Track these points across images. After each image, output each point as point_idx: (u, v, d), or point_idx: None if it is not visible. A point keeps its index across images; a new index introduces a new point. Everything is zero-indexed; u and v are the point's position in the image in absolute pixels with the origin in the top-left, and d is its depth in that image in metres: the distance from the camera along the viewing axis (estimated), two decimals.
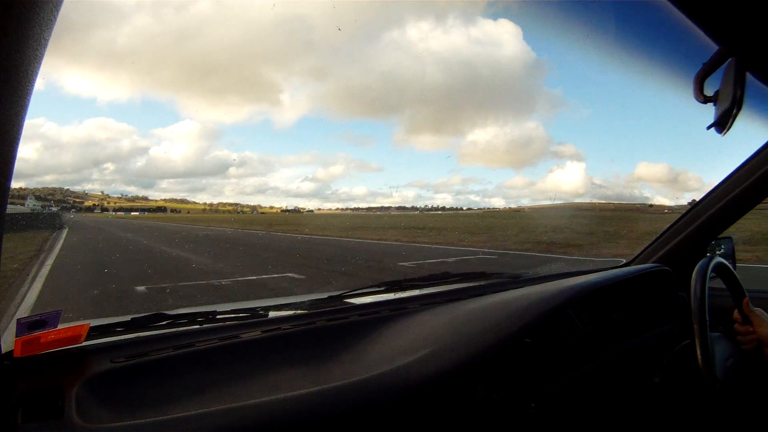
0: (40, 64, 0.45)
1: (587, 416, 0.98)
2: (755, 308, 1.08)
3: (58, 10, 0.44)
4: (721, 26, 0.56)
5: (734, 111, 0.59)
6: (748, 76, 0.60)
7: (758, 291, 1.42)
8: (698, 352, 0.92)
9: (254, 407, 0.64)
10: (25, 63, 0.44)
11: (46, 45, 0.45)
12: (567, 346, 1.00)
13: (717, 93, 0.63)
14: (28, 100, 0.47)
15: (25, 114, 0.48)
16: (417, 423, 0.72)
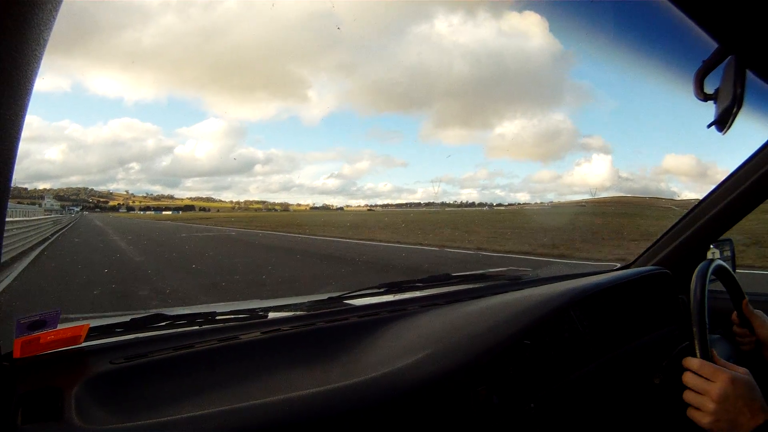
0: (40, 64, 0.46)
1: (587, 417, 0.98)
2: (755, 310, 1.07)
3: (57, 10, 0.44)
4: (719, 24, 0.56)
5: (734, 109, 0.59)
6: (748, 75, 0.60)
7: (756, 294, 1.41)
8: (698, 354, 0.92)
9: (254, 408, 0.63)
10: (25, 63, 0.44)
11: (45, 45, 0.45)
12: (567, 348, 1.00)
13: (717, 91, 0.62)
14: (28, 100, 0.47)
15: (25, 114, 0.48)
16: (417, 424, 0.72)
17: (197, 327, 0.90)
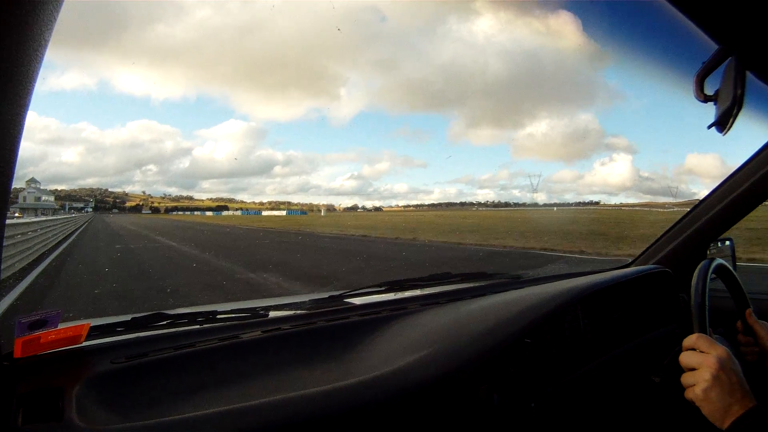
0: (41, 63, 0.46)
1: (587, 416, 0.98)
2: (760, 321, 1.05)
3: (58, 11, 0.44)
4: (719, 24, 0.56)
5: (734, 110, 0.59)
6: (748, 76, 0.60)
7: (756, 293, 1.41)
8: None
9: (254, 408, 0.63)
10: (26, 63, 0.44)
11: (47, 45, 0.45)
12: (567, 347, 1.00)
13: (717, 92, 0.62)
14: (29, 100, 0.47)
15: (25, 114, 0.48)
16: (418, 423, 0.72)
17: (198, 326, 0.90)
